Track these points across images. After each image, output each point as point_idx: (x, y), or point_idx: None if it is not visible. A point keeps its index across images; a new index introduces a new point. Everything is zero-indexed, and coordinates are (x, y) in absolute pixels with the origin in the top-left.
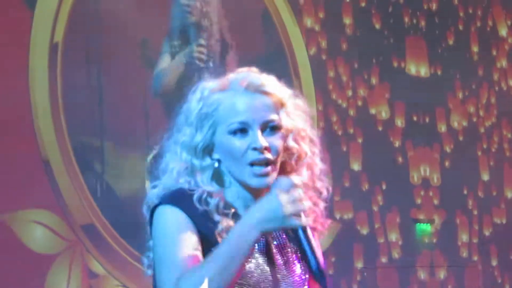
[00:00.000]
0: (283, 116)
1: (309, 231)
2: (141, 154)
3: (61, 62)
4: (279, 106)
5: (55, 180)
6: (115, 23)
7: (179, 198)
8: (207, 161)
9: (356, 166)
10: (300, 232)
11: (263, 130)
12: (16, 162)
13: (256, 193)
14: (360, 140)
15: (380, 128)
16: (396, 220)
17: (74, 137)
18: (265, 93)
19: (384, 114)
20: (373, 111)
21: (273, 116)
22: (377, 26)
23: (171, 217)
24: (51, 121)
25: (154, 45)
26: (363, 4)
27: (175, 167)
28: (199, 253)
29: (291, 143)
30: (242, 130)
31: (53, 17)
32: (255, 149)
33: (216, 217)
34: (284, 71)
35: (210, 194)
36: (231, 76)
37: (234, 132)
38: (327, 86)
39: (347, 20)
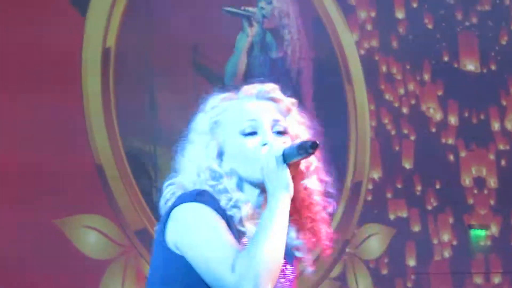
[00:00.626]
0: (290, 122)
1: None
2: None
3: (114, 67)
4: (286, 112)
5: (108, 185)
6: (167, 28)
7: (204, 198)
8: (226, 167)
9: (408, 165)
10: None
11: (272, 131)
12: (69, 167)
13: None
14: (412, 138)
15: (432, 127)
16: (449, 221)
17: (127, 142)
18: (274, 99)
19: (435, 111)
20: (425, 109)
21: (281, 118)
22: (429, 25)
23: (206, 213)
24: (104, 126)
25: (205, 50)
26: (414, 5)
27: (196, 169)
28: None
29: None
30: (253, 131)
31: (105, 23)
32: (266, 144)
33: (241, 227)
34: (336, 75)
35: (239, 200)
36: (239, 88)
37: (244, 133)
38: (379, 86)
39: (399, 18)
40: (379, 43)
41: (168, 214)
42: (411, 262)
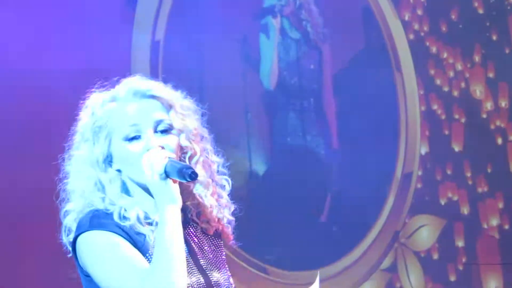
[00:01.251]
0: (173, 117)
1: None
2: (242, 153)
3: (162, 60)
4: (168, 107)
5: None
6: (215, 20)
7: (99, 220)
8: (111, 172)
9: (457, 148)
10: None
11: (155, 132)
12: None
13: None
14: (462, 121)
15: (483, 111)
16: (498, 205)
17: None
18: (153, 96)
19: (484, 95)
20: (475, 93)
21: (164, 116)
22: (480, 9)
23: (104, 239)
24: None
25: (253, 41)
26: None
27: (82, 186)
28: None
29: (184, 142)
30: (136, 135)
31: (154, 16)
32: (150, 150)
33: (142, 229)
34: (386, 64)
35: (126, 208)
36: (119, 86)
37: (128, 139)
38: (428, 71)
39: (449, 2)
40: (428, 27)
41: (73, 248)
42: (460, 243)
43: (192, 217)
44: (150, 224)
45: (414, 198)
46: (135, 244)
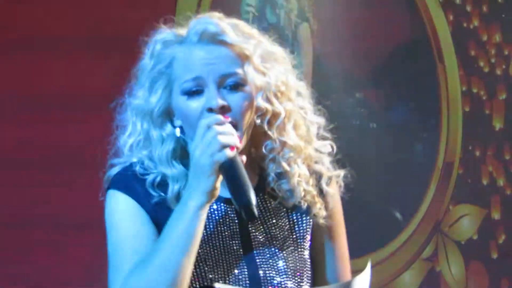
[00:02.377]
0: (249, 70)
1: (239, 163)
2: None
3: None
4: (243, 58)
5: None
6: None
7: (127, 182)
8: (168, 129)
9: (499, 125)
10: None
11: (221, 87)
12: None
13: None
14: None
15: None
16: None
17: None
18: (223, 43)
19: None
20: None
21: (233, 70)
22: None
23: (118, 207)
24: None
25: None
26: None
27: (131, 140)
28: (143, 247)
29: (261, 102)
30: (197, 89)
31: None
32: (210, 110)
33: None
34: (428, 56)
35: (167, 177)
36: (190, 24)
37: (188, 93)
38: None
39: None
40: (471, 7)
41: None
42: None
43: (270, 189)
44: None
45: (456, 188)
46: (157, 220)
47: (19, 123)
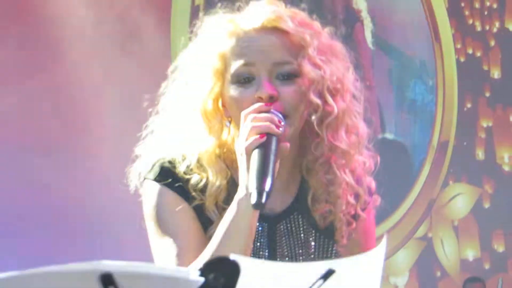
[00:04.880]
0: (304, 62)
1: (270, 150)
2: None
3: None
4: (299, 48)
5: None
6: None
7: (174, 178)
8: (216, 122)
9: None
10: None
11: (274, 76)
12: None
13: None
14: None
15: None
16: None
17: None
18: (279, 30)
19: None
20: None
21: (287, 59)
22: None
23: (164, 200)
24: None
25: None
26: None
27: (172, 135)
28: (195, 243)
29: (313, 96)
30: (248, 77)
31: None
32: (260, 98)
33: (210, 214)
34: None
35: (208, 183)
36: (244, 9)
37: (239, 80)
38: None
39: None
40: None
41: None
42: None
43: (308, 205)
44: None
45: (450, 167)
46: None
47: None
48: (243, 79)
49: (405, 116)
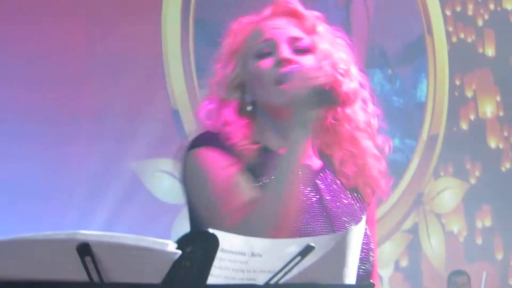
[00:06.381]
0: (315, 39)
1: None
2: None
3: (194, 17)
4: (312, 31)
5: (183, 130)
6: None
7: (217, 139)
8: (241, 102)
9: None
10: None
11: (291, 48)
12: (146, 111)
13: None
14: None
15: None
16: None
17: (204, 87)
18: (294, 14)
19: None
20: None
21: (302, 35)
22: None
23: (212, 157)
24: (182, 71)
25: None
26: None
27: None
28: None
29: (328, 68)
30: (268, 51)
31: None
32: (280, 62)
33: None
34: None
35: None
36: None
37: (259, 55)
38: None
39: None
40: None
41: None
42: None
43: (335, 166)
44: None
45: (439, 161)
46: None
47: None
48: (263, 53)
49: None
